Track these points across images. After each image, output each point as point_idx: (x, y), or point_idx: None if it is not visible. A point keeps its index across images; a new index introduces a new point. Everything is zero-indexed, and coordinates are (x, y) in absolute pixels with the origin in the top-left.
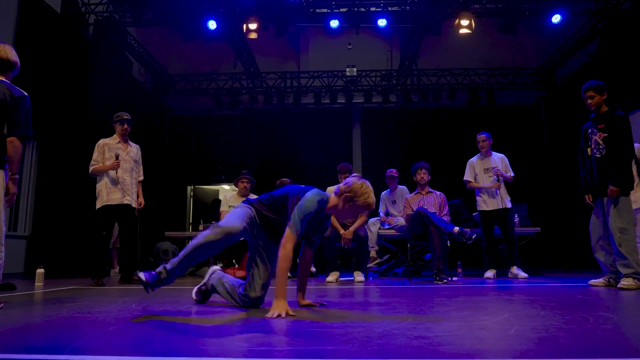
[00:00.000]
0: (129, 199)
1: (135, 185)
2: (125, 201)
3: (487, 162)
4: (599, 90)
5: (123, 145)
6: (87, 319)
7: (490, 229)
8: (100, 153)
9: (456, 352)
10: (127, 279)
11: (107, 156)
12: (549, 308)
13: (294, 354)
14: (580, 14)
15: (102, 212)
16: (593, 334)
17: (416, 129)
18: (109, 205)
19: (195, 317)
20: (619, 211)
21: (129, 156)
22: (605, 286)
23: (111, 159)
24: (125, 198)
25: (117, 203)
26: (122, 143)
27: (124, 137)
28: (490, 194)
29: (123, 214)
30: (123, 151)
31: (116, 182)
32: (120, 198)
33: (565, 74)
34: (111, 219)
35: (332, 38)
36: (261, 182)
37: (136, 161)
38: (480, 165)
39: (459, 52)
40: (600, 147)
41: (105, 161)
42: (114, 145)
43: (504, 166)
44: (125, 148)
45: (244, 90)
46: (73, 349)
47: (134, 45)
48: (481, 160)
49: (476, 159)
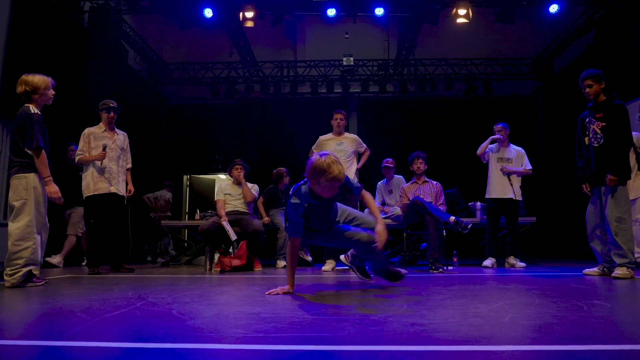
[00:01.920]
0: (116, 188)
1: (123, 174)
2: (112, 190)
3: (503, 152)
4: (597, 79)
5: (109, 134)
6: (83, 306)
7: (497, 218)
8: (85, 142)
9: (451, 339)
10: (116, 267)
11: (92, 145)
12: (544, 296)
13: (290, 340)
14: (577, 4)
15: (89, 201)
16: (586, 322)
17: (413, 119)
18: (96, 195)
19: (191, 304)
20: (616, 200)
21: (116, 144)
22: (599, 275)
23: (97, 148)
24: (112, 187)
25: (104, 192)
26: (108, 131)
27: (110, 125)
28: (502, 184)
29: (111, 203)
30: (109, 140)
31: (102, 171)
32: (107, 187)
33: (562, 64)
34: (99, 208)
35: (329, 27)
36: (258, 172)
37: (123, 149)
38: (496, 154)
39: (456, 41)
40: (598, 136)
41: (91, 150)
42: (99, 134)
43: (519, 159)
44: (111, 136)
45: (240, 80)
46: (70, 334)
47: (129, 34)
48: (498, 150)
49: (494, 148)
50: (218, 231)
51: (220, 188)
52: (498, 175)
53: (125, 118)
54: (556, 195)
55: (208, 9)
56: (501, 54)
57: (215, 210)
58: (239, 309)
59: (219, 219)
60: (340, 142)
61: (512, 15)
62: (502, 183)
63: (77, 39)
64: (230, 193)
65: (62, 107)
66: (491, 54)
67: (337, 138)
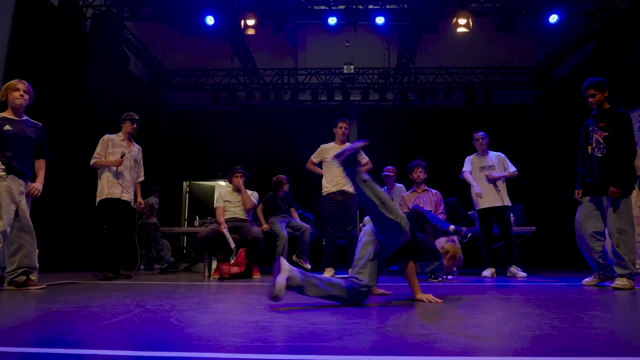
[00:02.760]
0: (127, 196)
1: (133, 184)
2: (124, 197)
3: (483, 160)
4: (600, 87)
5: (127, 144)
6: (81, 313)
7: (489, 227)
8: (104, 147)
9: (450, 350)
10: (115, 274)
11: (109, 151)
12: (544, 307)
13: (288, 350)
14: (577, 14)
15: (102, 205)
16: (587, 333)
17: (413, 128)
18: (109, 199)
19: (189, 311)
20: (618, 212)
21: (130, 155)
22: (596, 284)
23: (114, 154)
24: (124, 194)
25: (116, 197)
26: (126, 141)
27: (129, 136)
28: (488, 191)
29: (121, 209)
30: (126, 149)
31: (117, 177)
32: (119, 193)
33: (562, 74)
34: (111, 212)
35: (330, 35)
36: (258, 179)
37: (136, 161)
38: (477, 163)
39: (456, 50)
40: (601, 146)
41: (108, 156)
42: (118, 141)
43: (501, 164)
44: (128, 146)
45: (241, 87)
46: (67, 342)
47: (131, 40)
48: (478, 159)
49: (473, 157)
50: (217, 238)
51: (220, 195)
52: (483, 185)
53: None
54: (556, 205)
55: (210, 16)
56: (501, 64)
57: (214, 217)
58: (237, 317)
59: (218, 226)
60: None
61: (512, 25)
62: (489, 192)
63: (79, 45)
64: (230, 200)
65: (63, 113)
66: (491, 64)
67: (340, 146)
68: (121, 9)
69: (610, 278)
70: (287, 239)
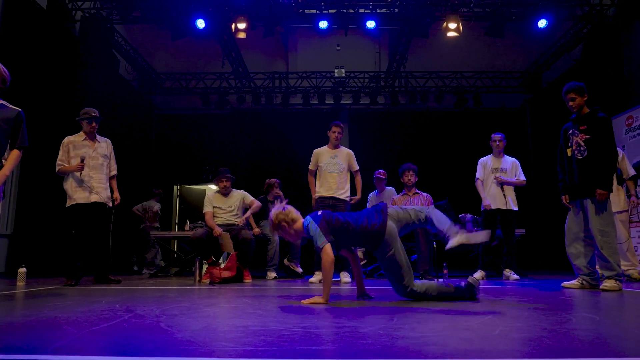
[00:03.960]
0: (98, 196)
1: (106, 181)
2: (92, 199)
3: (498, 162)
4: (579, 91)
5: (89, 143)
6: (69, 318)
7: (493, 229)
8: (65, 152)
9: (440, 352)
10: (101, 279)
11: (72, 155)
12: (533, 309)
13: (280, 354)
14: (566, 19)
15: (70, 211)
16: (576, 335)
17: (404, 131)
18: (76, 205)
19: (179, 316)
20: (599, 214)
21: (97, 152)
22: (578, 288)
23: (76, 157)
24: (92, 196)
25: (84, 202)
26: (88, 140)
27: (90, 135)
28: (495, 194)
29: (92, 212)
30: (90, 148)
31: (81, 181)
32: (87, 197)
33: (551, 78)
34: (80, 218)
35: (321, 39)
36: (249, 183)
37: (106, 156)
38: (492, 164)
39: (446, 55)
40: (582, 149)
41: (71, 160)
42: (79, 142)
43: (513, 170)
44: (92, 145)
45: (232, 90)
46: (54, 348)
47: (121, 43)
48: (493, 160)
49: (488, 158)
50: (210, 240)
51: (209, 199)
52: (493, 186)
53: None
54: (545, 207)
55: (200, 19)
56: (491, 68)
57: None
58: (228, 322)
59: (210, 229)
60: (335, 155)
61: (501, 29)
62: (496, 194)
63: (69, 48)
64: (219, 206)
65: (52, 116)
66: (481, 68)
67: (332, 151)
68: (111, 12)
69: (595, 286)
70: (278, 242)
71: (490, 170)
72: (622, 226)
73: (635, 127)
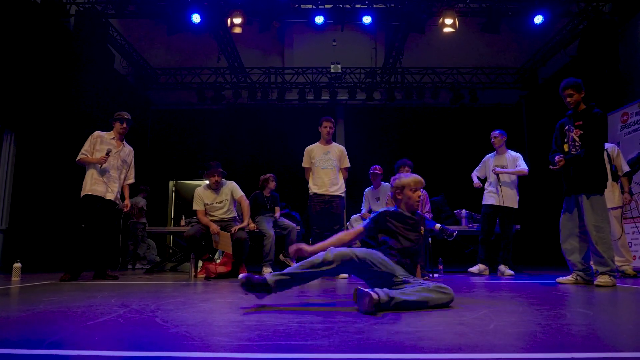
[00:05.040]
0: (112, 195)
1: (120, 184)
2: (108, 196)
3: (500, 159)
4: (577, 88)
5: (116, 143)
6: (65, 313)
7: (492, 225)
8: (92, 144)
9: (436, 347)
10: (101, 275)
11: (97, 148)
12: (528, 304)
13: (274, 349)
14: (562, 16)
15: (83, 201)
16: (569, 330)
17: (400, 127)
18: (92, 196)
19: (175, 311)
20: (594, 209)
21: (119, 155)
22: (573, 284)
23: (101, 151)
24: (108, 193)
25: (99, 195)
26: (116, 140)
27: (120, 136)
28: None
29: (104, 208)
30: (115, 148)
31: (102, 173)
32: (103, 191)
33: (547, 74)
34: (92, 211)
35: (317, 34)
36: (245, 178)
37: (125, 161)
38: (495, 162)
39: (442, 50)
40: (577, 144)
41: (95, 153)
42: (107, 139)
43: (513, 164)
44: (117, 145)
45: (227, 85)
46: (50, 343)
47: (116, 38)
48: (496, 158)
49: (491, 156)
50: (204, 238)
51: (199, 196)
52: (493, 182)
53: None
54: (540, 203)
55: (196, 14)
56: (487, 64)
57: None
58: (223, 317)
59: (204, 227)
60: (327, 151)
61: (497, 25)
62: (496, 189)
63: (63, 42)
64: (210, 203)
65: (46, 111)
66: (477, 64)
67: (325, 147)
68: (106, 6)
69: (589, 282)
70: (274, 238)
71: (492, 168)
72: (617, 222)
73: (631, 123)
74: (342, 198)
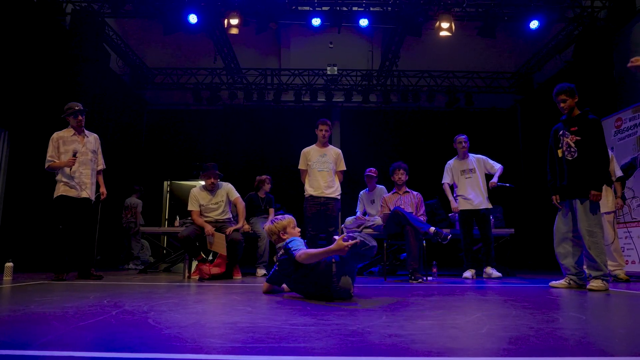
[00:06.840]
0: (86, 193)
1: (94, 177)
2: (82, 195)
3: (464, 163)
4: (570, 93)
5: (79, 138)
6: (56, 314)
7: (470, 229)
8: (55, 148)
9: (428, 350)
10: (84, 274)
11: (62, 150)
12: (521, 308)
13: (267, 351)
14: (557, 21)
15: (58, 202)
16: (562, 334)
17: (395, 130)
18: (65, 197)
19: (168, 312)
20: (587, 214)
21: (86, 148)
22: (566, 288)
23: (66, 152)
24: (82, 192)
25: (73, 196)
26: (77, 135)
27: (79, 129)
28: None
29: (81, 208)
30: (79, 144)
31: (71, 177)
32: (77, 193)
33: (542, 79)
34: (68, 211)
35: (314, 36)
36: (240, 179)
37: (94, 151)
38: (458, 166)
39: (438, 54)
40: (572, 150)
41: (61, 156)
42: (69, 138)
43: (481, 166)
44: (81, 140)
45: (223, 86)
46: (41, 343)
47: (112, 37)
48: (459, 162)
49: (454, 161)
50: (198, 238)
51: (194, 197)
52: (466, 188)
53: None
54: (535, 207)
55: (193, 14)
56: (482, 68)
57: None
58: (216, 318)
59: (198, 227)
60: (324, 154)
61: (493, 30)
62: (476, 194)
63: (59, 41)
64: (205, 204)
65: (41, 110)
66: (473, 68)
67: (321, 150)
68: (102, 5)
69: (582, 286)
70: (268, 239)
71: (460, 173)
72: (610, 227)
73: (624, 128)
74: (337, 200)
